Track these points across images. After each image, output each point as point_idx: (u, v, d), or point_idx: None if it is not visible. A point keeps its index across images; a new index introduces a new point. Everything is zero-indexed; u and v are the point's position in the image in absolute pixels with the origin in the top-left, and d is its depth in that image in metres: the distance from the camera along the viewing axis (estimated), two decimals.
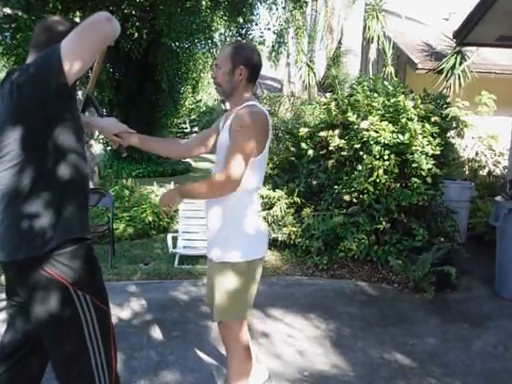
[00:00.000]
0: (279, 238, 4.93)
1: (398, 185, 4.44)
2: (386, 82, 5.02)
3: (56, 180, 1.54)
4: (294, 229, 4.87)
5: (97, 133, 12.25)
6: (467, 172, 6.94)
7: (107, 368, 1.61)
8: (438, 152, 4.40)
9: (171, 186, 7.17)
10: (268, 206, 5.86)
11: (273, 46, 12.10)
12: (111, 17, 1.46)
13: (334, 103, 5.09)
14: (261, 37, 10.59)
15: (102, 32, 1.46)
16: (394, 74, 8.68)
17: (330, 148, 4.78)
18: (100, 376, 1.59)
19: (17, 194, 1.52)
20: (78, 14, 7.73)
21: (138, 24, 8.62)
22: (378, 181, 4.35)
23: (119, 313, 3.44)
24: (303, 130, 5.22)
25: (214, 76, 2.04)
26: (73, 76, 1.46)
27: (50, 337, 1.59)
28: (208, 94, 26.01)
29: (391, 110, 4.51)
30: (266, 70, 22.07)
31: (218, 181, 1.95)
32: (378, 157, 4.38)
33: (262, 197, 6.20)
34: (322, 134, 4.82)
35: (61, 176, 1.54)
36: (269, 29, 11.25)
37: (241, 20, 9.70)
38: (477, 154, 7.11)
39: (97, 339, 1.58)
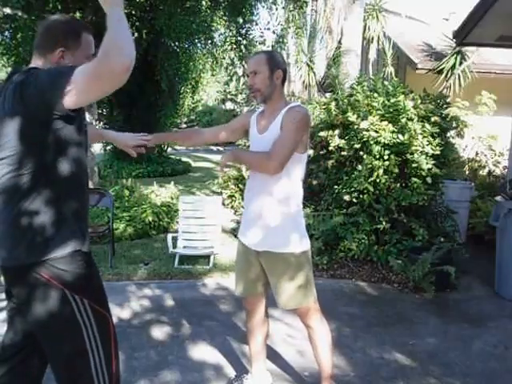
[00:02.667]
0: None
1: (398, 185, 4.45)
2: (386, 82, 5.02)
3: (57, 177, 1.52)
4: None
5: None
6: (467, 172, 6.93)
7: (107, 372, 1.60)
8: (438, 152, 4.40)
9: (171, 185, 7.17)
10: None
11: (272, 46, 12.09)
12: (131, 66, 1.37)
13: (333, 103, 5.09)
14: (261, 37, 10.57)
15: (118, 82, 1.39)
16: (393, 74, 8.68)
17: (330, 148, 4.78)
18: (100, 380, 1.59)
19: (16, 193, 1.51)
20: (78, 14, 7.73)
21: (137, 24, 8.62)
22: (378, 181, 4.35)
23: (119, 313, 3.44)
24: None
25: (251, 84, 2.14)
26: (71, 105, 1.42)
27: (49, 340, 1.59)
28: (208, 94, 26.02)
29: (391, 109, 4.51)
30: None
31: (268, 161, 2.05)
32: (378, 157, 4.38)
33: None
34: (322, 133, 4.82)
35: (62, 172, 1.53)
36: (268, 29, 11.23)
37: (241, 20, 9.68)
38: (477, 154, 7.11)
39: (96, 343, 1.57)
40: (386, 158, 4.35)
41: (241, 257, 2.36)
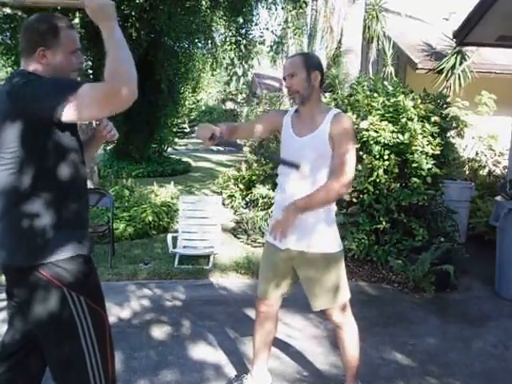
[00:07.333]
0: None
1: (398, 185, 4.44)
2: (385, 82, 5.02)
3: (55, 181, 1.53)
4: None
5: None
6: (467, 172, 6.93)
7: (103, 369, 1.61)
8: (438, 152, 4.40)
9: (171, 185, 7.17)
10: (268, 205, 5.86)
11: (271, 46, 12.11)
12: (136, 89, 1.41)
13: (333, 103, 5.09)
14: (261, 37, 10.59)
15: (123, 106, 1.44)
16: (393, 74, 8.68)
17: None
18: (96, 377, 1.59)
19: (15, 195, 1.52)
20: (77, 14, 7.72)
21: (137, 24, 8.61)
22: (377, 181, 4.35)
23: (119, 313, 3.44)
24: None
25: (288, 86, 2.15)
26: (69, 119, 1.44)
27: (46, 338, 1.59)
28: (208, 94, 26.03)
29: (391, 109, 4.51)
30: (266, 69, 22.08)
31: (340, 185, 2.05)
32: (377, 157, 4.38)
33: (262, 196, 6.21)
34: None
35: (60, 177, 1.53)
36: (267, 29, 11.25)
37: (241, 20, 9.68)
38: (477, 153, 7.11)
39: (92, 340, 1.58)
40: (385, 157, 4.35)
41: (268, 259, 2.34)
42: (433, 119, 4.49)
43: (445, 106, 4.90)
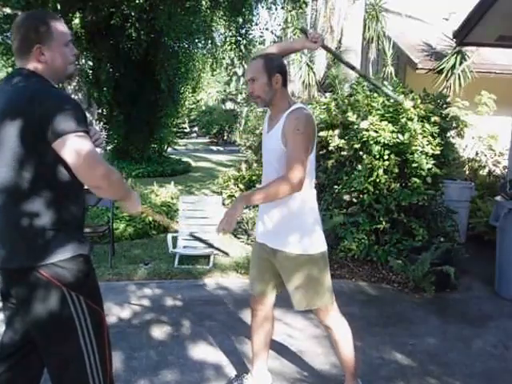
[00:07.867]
0: None
1: (398, 185, 4.44)
2: (385, 82, 5.02)
3: (56, 180, 1.53)
4: None
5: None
6: (467, 172, 6.93)
7: (101, 369, 1.61)
8: (438, 152, 4.40)
9: (171, 185, 7.17)
10: None
11: None
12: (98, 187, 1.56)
13: (333, 103, 5.09)
14: (261, 37, 10.61)
15: (85, 182, 1.55)
16: (393, 74, 8.68)
17: (330, 148, 4.77)
18: (94, 377, 1.59)
19: (16, 194, 1.51)
20: (78, 14, 7.73)
21: (137, 24, 8.62)
22: (377, 181, 4.35)
23: (119, 313, 3.44)
24: None
25: (250, 91, 2.13)
26: (56, 149, 1.48)
27: (45, 339, 1.59)
28: (208, 94, 26.03)
29: (391, 109, 4.51)
30: None
31: (286, 182, 1.99)
32: (377, 157, 4.38)
33: None
34: (322, 133, 4.82)
35: (60, 176, 1.53)
36: (267, 29, 11.26)
37: (241, 20, 9.70)
38: (477, 153, 7.11)
39: (91, 340, 1.58)
40: (385, 157, 4.35)
41: (254, 255, 2.39)
42: (433, 119, 4.49)
43: (445, 106, 4.91)
